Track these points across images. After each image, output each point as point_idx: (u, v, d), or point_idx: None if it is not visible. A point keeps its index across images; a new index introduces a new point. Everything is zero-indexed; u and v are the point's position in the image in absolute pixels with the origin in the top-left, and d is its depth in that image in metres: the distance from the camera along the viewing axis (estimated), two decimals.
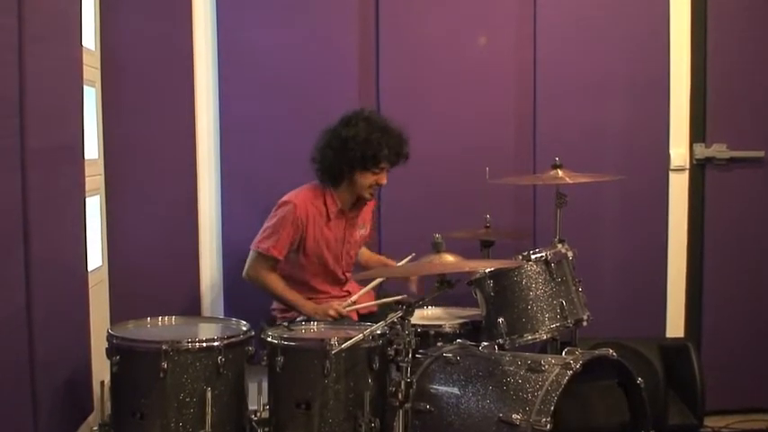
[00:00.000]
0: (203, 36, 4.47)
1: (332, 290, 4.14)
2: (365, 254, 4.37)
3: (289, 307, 4.03)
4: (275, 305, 4.15)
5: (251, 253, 4.00)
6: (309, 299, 4.03)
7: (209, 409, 3.25)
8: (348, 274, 4.20)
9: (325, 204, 4.03)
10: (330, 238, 4.05)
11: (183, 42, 4.44)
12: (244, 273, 4.04)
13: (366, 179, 3.98)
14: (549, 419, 3.03)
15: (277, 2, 4.52)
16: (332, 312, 3.88)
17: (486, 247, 4.22)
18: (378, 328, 3.18)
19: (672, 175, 4.79)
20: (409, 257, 3.96)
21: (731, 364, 4.76)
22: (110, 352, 3.38)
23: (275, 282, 4.00)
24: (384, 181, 4.02)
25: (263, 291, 4.04)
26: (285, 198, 4.00)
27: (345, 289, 4.18)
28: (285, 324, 3.66)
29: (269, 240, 3.95)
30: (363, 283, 4.11)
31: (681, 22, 4.74)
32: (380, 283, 4.14)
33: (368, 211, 4.26)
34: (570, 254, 3.79)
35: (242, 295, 4.35)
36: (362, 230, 4.23)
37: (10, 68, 2.89)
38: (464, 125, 4.63)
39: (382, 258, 4.34)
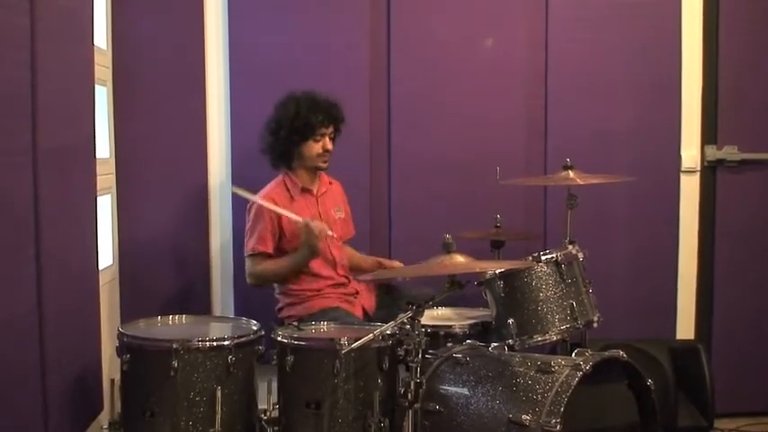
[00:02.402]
0: (215, 35, 4.48)
1: (329, 272, 4.14)
2: (356, 256, 4.37)
3: (295, 269, 4.05)
4: (279, 304, 4.16)
5: (245, 261, 4.09)
6: (313, 286, 4.07)
7: (219, 408, 3.26)
8: (336, 254, 4.18)
9: (287, 188, 4.14)
10: (303, 217, 4.05)
11: (194, 42, 4.45)
12: (247, 281, 4.11)
13: (311, 149, 4.11)
14: (558, 420, 3.02)
15: (288, 2, 4.52)
16: (309, 229, 3.90)
17: (496, 248, 4.23)
18: (388, 328, 3.18)
19: (683, 177, 4.78)
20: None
21: (741, 366, 4.75)
22: (120, 350, 3.39)
23: (269, 264, 4.06)
24: (330, 146, 4.13)
25: (270, 281, 4.11)
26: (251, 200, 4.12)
27: (343, 274, 4.18)
28: (295, 324, 3.67)
29: (252, 240, 4.05)
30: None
31: (693, 24, 4.73)
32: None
33: (338, 192, 4.32)
34: (581, 255, 3.78)
35: (252, 295, 4.35)
36: (339, 213, 4.26)
37: (22, 67, 2.91)
38: (475, 126, 4.63)
39: (377, 259, 4.36)
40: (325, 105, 4.12)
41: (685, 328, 4.83)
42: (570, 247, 3.79)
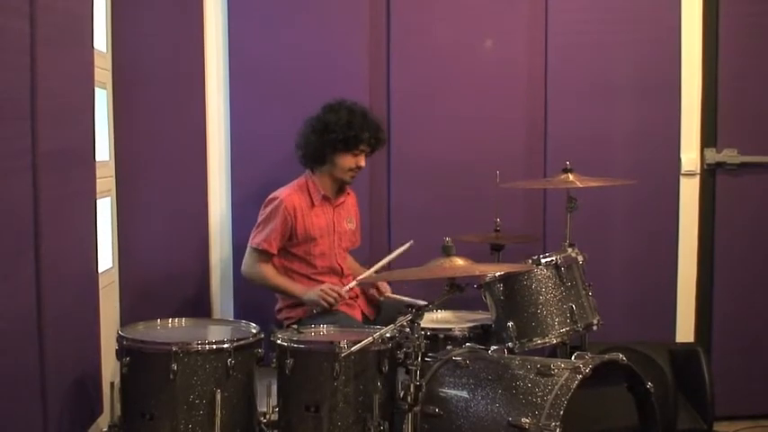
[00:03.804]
0: (214, 39, 4.48)
1: (335, 281, 4.17)
2: (355, 266, 4.38)
3: (284, 294, 4.12)
4: (279, 305, 4.18)
5: (247, 250, 4.12)
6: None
7: (218, 411, 3.26)
8: (344, 265, 4.23)
9: (309, 192, 4.15)
10: (319, 225, 4.14)
11: (194, 45, 4.45)
12: (242, 270, 4.15)
13: (346, 161, 4.12)
14: (558, 424, 3.02)
15: (288, 6, 4.53)
16: (324, 287, 3.99)
17: (496, 251, 4.23)
18: (387, 331, 3.18)
19: (683, 180, 4.78)
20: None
21: (741, 369, 4.74)
22: (120, 353, 3.39)
23: (268, 271, 4.10)
24: (363, 163, 4.17)
25: (260, 284, 4.13)
26: (272, 195, 4.13)
27: (346, 283, 4.20)
28: (294, 326, 3.67)
29: (261, 235, 4.07)
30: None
31: (692, 27, 4.72)
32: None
33: (352, 204, 4.35)
34: (580, 258, 3.78)
35: (252, 297, 4.36)
36: (350, 225, 4.29)
37: (22, 71, 2.91)
38: (475, 129, 4.63)
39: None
40: (375, 125, 4.17)
41: (685, 330, 4.82)
42: (570, 250, 3.79)
